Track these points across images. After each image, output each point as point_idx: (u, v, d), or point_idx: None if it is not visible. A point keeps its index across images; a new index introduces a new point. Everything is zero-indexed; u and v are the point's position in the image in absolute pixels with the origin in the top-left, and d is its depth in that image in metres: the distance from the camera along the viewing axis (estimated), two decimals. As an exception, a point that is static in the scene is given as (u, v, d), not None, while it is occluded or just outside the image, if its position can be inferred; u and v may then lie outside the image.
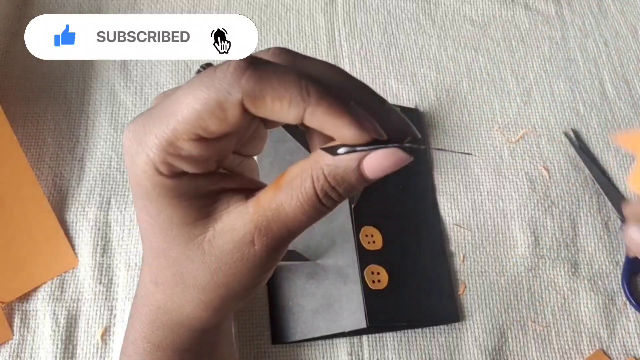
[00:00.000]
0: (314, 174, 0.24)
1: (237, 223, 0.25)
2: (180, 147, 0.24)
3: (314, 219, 0.25)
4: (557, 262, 0.50)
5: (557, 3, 0.64)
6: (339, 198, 0.25)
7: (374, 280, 0.46)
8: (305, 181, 0.24)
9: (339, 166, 0.24)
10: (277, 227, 0.25)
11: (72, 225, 0.49)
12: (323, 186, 0.24)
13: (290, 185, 0.25)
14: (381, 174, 0.24)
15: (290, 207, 0.25)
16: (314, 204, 0.25)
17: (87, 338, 0.46)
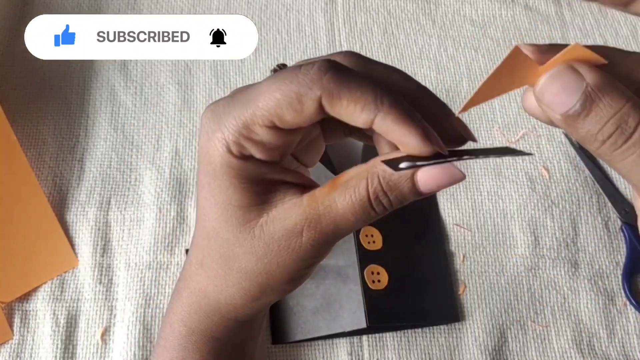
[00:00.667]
0: (369, 176, 0.25)
1: (290, 213, 0.27)
2: (255, 132, 0.26)
3: (361, 222, 0.26)
4: (557, 262, 0.50)
5: (557, 3, 0.64)
6: (388, 205, 0.26)
7: (374, 280, 0.46)
8: (360, 182, 0.26)
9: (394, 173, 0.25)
10: (326, 222, 0.26)
11: (72, 225, 0.49)
12: (376, 189, 0.25)
13: (345, 185, 0.26)
14: (435, 188, 0.25)
15: (342, 204, 0.26)
16: (364, 205, 0.26)
17: (87, 338, 0.46)
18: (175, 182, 0.51)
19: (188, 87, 0.56)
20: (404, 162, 0.25)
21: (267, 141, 0.26)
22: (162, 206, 0.50)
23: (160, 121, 0.54)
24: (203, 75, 0.57)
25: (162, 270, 0.48)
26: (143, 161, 0.52)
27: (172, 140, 0.54)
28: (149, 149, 0.53)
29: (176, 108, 0.55)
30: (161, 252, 0.48)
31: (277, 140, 0.26)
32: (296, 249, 0.27)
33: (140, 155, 0.53)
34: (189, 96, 0.56)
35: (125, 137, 0.53)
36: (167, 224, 0.50)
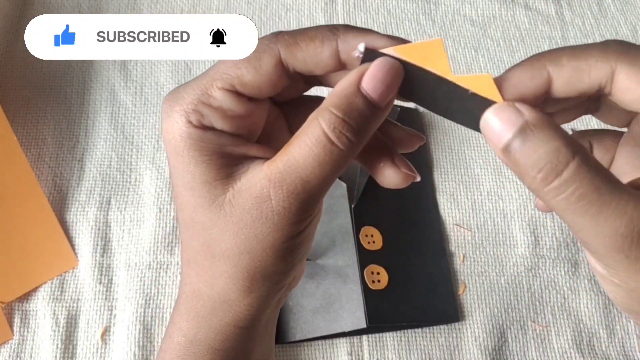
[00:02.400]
0: (319, 114, 0.24)
1: (253, 180, 0.25)
2: (214, 96, 0.25)
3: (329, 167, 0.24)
4: (557, 262, 0.50)
5: (557, 3, 0.64)
6: (352, 132, 0.24)
7: (374, 280, 0.46)
8: (310, 124, 0.24)
9: (341, 95, 0.24)
10: (291, 178, 0.24)
11: (72, 225, 0.49)
12: (330, 121, 0.24)
13: (298, 135, 0.24)
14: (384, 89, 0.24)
15: (300, 155, 0.24)
16: (322, 144, 0.24)
17: (87, 338, 0.46)
18: (175, 182, 0.51)
19: (188, 87, 0.56)
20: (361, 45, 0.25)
21: (227, 107, 0.25)
22: (162, 206, 0.50)
23: (160, 121, 0.54)
24: (203, 75, 0.57)
25: (162, 270, 0.48)
26: (143, 161, 0.52)
27: (172, 140, 0.54)
28: (149, 149, 0.53)
29: (176, 108, 0.55)
30: (161, 252, 0.48)
31: (239, 108, 0.26)
32: (269, 215, 0.25)
33: (140, 155, 0.53)
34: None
35: (125, 137, 0.53)
36: (167, 224, 0.50)
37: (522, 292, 0.49)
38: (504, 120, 0.22)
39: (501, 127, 0.22)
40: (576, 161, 0.21)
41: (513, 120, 0.22)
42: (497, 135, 0.23)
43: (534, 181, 0.22)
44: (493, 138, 0.23)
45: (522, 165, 0.22)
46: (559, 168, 0.21)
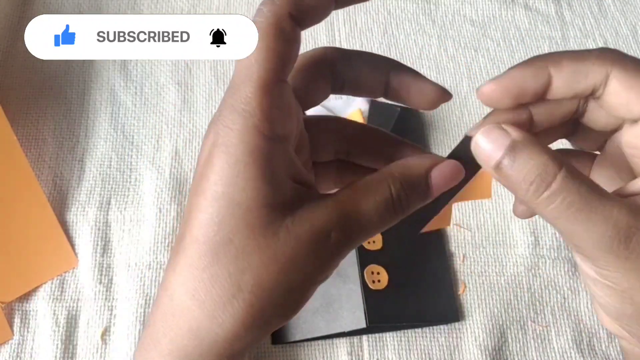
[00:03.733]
0: (390, 179, 0.25)
1: (317, 212, 0.24)
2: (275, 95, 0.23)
3: (384, 224, 0.25)
4: (557, 262, 0.50)
5: (557, 3, 0.64)
6: (406, 205, 0.25)
7: (374, 280, 0.46)
8: (381, 184, 0.25)
9: (412, 173, 0.25)
10: (353, 223, 0.24)
11: (72, 225, 0.49)
12: (398, 190, 0.25)
13: (367, 187, 0.25)
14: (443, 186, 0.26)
15: (367, 205, 0.24)
16: (388, 206, 0.25)
17: (87, 338, 0.46)
18: (175, 182, 0.51)
19: (188, 87, 0.56)
20: None
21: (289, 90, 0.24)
22: (162, 206, 0.50)
23: (160, 121, 0.54)
24: (203, 75, 0.57)
25: (162, 270, 0.48)
26: (143, 161, 0.52)
27: (172, 140, 0.54)
28: (149, 149, 0.53)
29: (176, 108, 0.55)
30: (161, 252, 0.48)
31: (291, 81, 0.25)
32: (323, 253, 0.24)
33: (140, 155, 0.53)
34: (189, 96, 0.56)
35: (125, 137, 0.53)
36: (167, 224, 0.50)
37: (522, 292, 0.49)
38: (493, 141, 0.25)
39: (491, 147, 0.25)
40: (562, 173, 0.23)
41: (501, 140, 0.24)
42: (488, 155, 0.25)
43: (527, 194, 0.24)
44: (485, 158, 0.25)
45: (514, 180, 0.24)
46: (548, 180, 0.23)
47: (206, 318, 0.24)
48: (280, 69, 0.23)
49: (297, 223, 0.23)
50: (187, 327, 0.24)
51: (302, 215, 0.23)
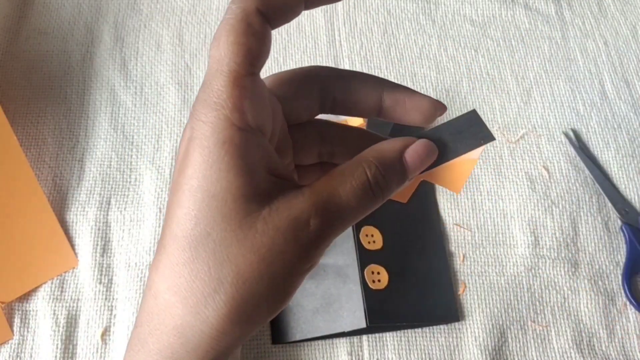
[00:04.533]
0: (365, 163, 0.25)
1: (294, 202, 0.24)
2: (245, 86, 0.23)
3: (364, 208, 0.25)
4: (557, 262, 0.50)
5: (557, 3, 0.64)
6: (386, 187, 0.26)
7: (374, 280, 0.46)
8: (357, 168, 0.25)
9: (386, 156, 0.26)
10: (332, 209, 0.24)
11: (72, 225, 0.49)
12: (374, 173, 0.25)
13: (342, 174, 0.25)
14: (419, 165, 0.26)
15: (344, 190, 0.24)
16: (366, 189, 0.25)
17: (87, 338, 0.46)
18: (175, 182, 0.51)
19: (188, 87, 0.56)
20: None
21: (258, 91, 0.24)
22: (162, 206, 0.50)
23: (160, 121, 0.54)
24: (203, 75, 0.57)
25: (162, 270, 0.48)
26: (143, 161, 0.52)
27: (172, 140, 0.54)
28: (149, 149, 0.53)
29: (176, 108, 0.55)
30: (161, 252, 0.48)
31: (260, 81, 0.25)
32: (303, 241, 0.24)
33: (140, 155, 0.53)
34: (189, 96, 0.56)
35: (125, 137, 0.53)
36: (167, 224, 0.50)
37: (522, 292, 0.49)
38: None
39: None
40: None
41: None
42: None
43: None
44: None
45: None
46: None
47: (190, 314, 0.23)
48: (250, 62, 0.23)
49: (274, 213, 0.23)
50: (172, 325, 0.24)
51: (279, 205, 0.24)
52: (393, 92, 0.28)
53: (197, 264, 0.23)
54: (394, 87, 0.28)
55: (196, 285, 0.23)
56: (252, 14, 0.23)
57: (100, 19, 0.59)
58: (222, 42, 0.23)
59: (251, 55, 0.23)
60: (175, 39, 0.59)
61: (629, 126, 0.57)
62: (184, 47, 0.59)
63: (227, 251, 0.23)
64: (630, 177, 0.54)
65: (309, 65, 0.28)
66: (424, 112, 0.28)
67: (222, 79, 0.23)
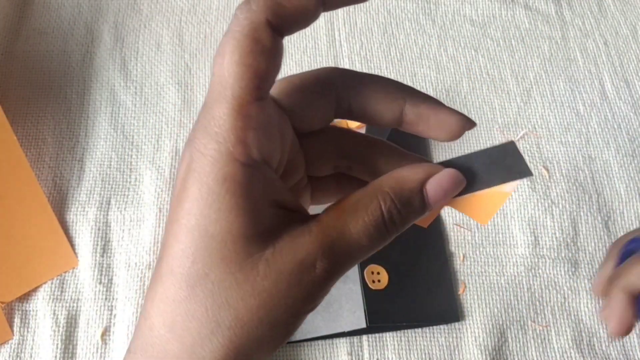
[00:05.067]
0: (380, 195, 0.23)
1: (299, 242, 0.22)
2: (250, 115, 0.21)
3: (374, 247, 0.24)
4: (557, 262, 0.50)
5: (557, 3, 0.64)
6: (400, 223, 0.24)
7: (374, 280, 0.46)
8: (371, 202, 0.23)
9: (404, 187, 0.24)
10: (340, 250, 0.22)
11: (72, 225, 0.49)
12: (390, 207, 0.23)
13: (355, 207, 0.23)
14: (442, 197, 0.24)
15: (355, 228, 0.23)
16: (378, 226, 0.23)
17: (87, 338, 0.46)
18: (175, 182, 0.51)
19: (188, 87, 0.56)
20: None
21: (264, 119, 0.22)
22: (162, 206, 0.50)
23: (160, 121, 0.54)
24: (203, 75, 0.57)
25: (162, 270, 0.48)
26: (143, 161, 0.52)
27: (172, 140, 0.54)
28: (149, 149, 0.53)
29: (176, 108, 0.55)
30: (161, 252, 0.48)
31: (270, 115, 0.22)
32: (308, 284, 0.22)
33: (140, 155, 0.53)
34: (189, 96, 0.56)
35: (125, 137, 0.53)
36: (167, 224, 0.50)
37: (522, 292, 0.49)
38: None
39: None
40: None
41: None
42: None
43: None
44: None
45: None
46: None
47: (185, 353, 0.22)
48: (257, 86, 0.21)
49: (277, 254, 0.22)
50: None
51: (283, 245, 0.22)
52: (417, 105, 0.25)
53: (194, 304, 0.22)
54: (418, 99, 0.25)
55: (192, 325, 0.22)
56: (260, 27, 0.21)
57: (100, 19, 0.59)
58: (226, 61, 0.21)
59: (258, 77, 0.21)
60: (175, 39, 0.59)
61: (629, 126, 0.57)
62: (184, 47, 0.59)
63: (226, 294, 0.22)
64: (630, 176, 0.54)
65: (321, 67, 0.25)
66: (451, 131, 0.25)
67: (225, 105, 0.21)
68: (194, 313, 0.22)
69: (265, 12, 0.21)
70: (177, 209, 0.22)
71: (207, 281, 0.22)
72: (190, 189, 0.21)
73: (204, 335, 0.22)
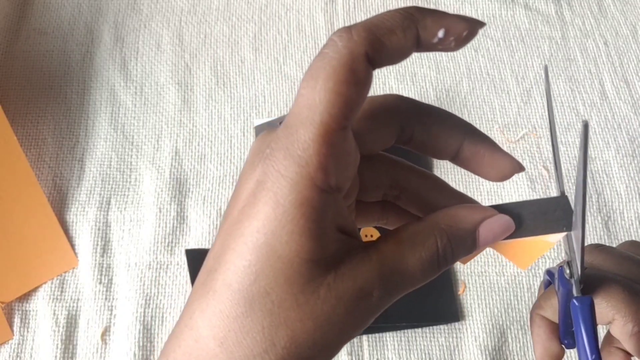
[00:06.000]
0: (437, 232, 0.24)
1: (360, 269, 0.22)
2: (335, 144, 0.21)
3: (424, 280, 0.24)
4: (557, 262, 0.50)
5: (557, 3, 0.64)
6: (451, 260, 0.24)
7: (374, 280, 0.46)
8: (429, 237, 0.24)
9: (460, 228, 0.24)
10: (397, 282, 0.23)
11: (72, 225, 0.49)
12: (445, 245, 0.24)
13: (413, 240, 0.23)
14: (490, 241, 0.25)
15: (412, 261, 0.23)
16: (433, 262, 0.23)
17: (87, 338, 0.46)
18: (175, 182, 0.51)
19: (188, 87, 0.56)
20: None
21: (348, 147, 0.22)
22: (162, 206, 0.50)
23: (160, 121, 0.54)
24: (203, 75, 0.57)
25: (162, 270, 0.48)
26: (143, 161, 0.52)
27: (172, 140, 0.54)
28: (149, 149, 0.53)
29: (176, 108, 0.55)
30: (161, 252, 0.48)
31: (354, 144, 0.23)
32: (363, 311, 0.23)
33: (140, 155, 0.53)
34: (189, 96, 0.56)
35: (125, 137, 0.53)
36: (167, 224, 0.50)
37: (522, 292, 0.49)
38: None
39: None
40: None
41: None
42: None
43: None
44: None
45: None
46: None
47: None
48: (346, 115, 0.21)
49: (339, 280, 0.22)
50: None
51: (344, 271, 0.22)
52: (475, 144, 0.26)
53: (251, 322, 0.22)
54: (477, 138, 0.26)
55: (246, 343, 0.22)
56: (359, 59, 0.21)
57: (100, 19, 0.59)
58: (319, 86, 0.21)
59: (349, 107, 0.21)
60: (175, 39, 0.59)
61: (629, 126, 0.57)
62: (184, 47, 0.59)
63: (285, 314, 0.22)
64: (630, 176, 0.54)
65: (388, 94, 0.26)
66: (502, 173, 0.26)
67: (312, 131, 0.21)
68: (249, 330, 0.22)
69: (365, 45, 0.21)
70: (241, 224, 0.22)
71: (267, 300, 0.22)
72: (263, 207, 0.21)
73: (257, 353, 0.22)
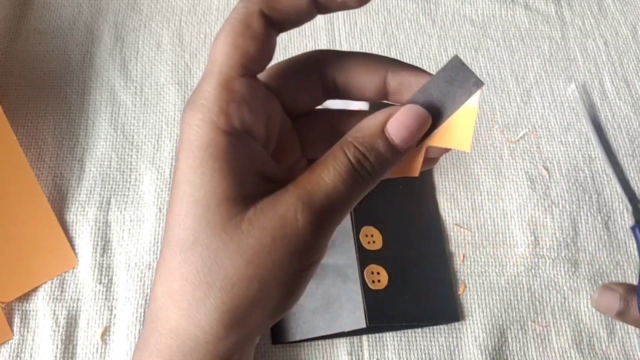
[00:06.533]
0: (344, 144, 0.24)
1: (279, 199, 0.23)
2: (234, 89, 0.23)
3: (355, 193, 0.24)
4: (557, 262, 0.50)
5: (557, 3, 0.64)
6: (371, 167, 0.24)
7: (374, 280, 0.46)
8: (337, 153, 0.24)
9: (365, 134, 0.24)
10: (319, 198, 0.23)
11: (72, 225, 0.49)
12: (355, 154, 0.24)
13: (324, 161, 0.24)
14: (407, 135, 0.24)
15: (328, 177, 0.23)
16: (349, 171, 0.24)
17: (87, 338, 0.46)
18: (175, 182, 0.51)
19: (188, 87, 0.56)
20: None
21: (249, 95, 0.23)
22: (162, 206, 0.50)
23: (160, 121, 0.55)
24: (203, 75, 0.57)
25: (162, 270, 0.48)
26: (143, 161, 0.52)
27: (172, 140, 0.54)
28: (149, 149, 0.53)
29: (176, 108, 0.55)
30: (161, 252, 0.48)
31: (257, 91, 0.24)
32: (293, 238, 0.23)
33: (140, 155, 0.53)
34: (189, 96, 0.56)
35: (125, 137, 0.53)
36: (167, 224, 0.50)
37: (522, 292, 0.49)
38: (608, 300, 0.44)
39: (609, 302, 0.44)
40: None
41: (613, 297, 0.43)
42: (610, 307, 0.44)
43: None
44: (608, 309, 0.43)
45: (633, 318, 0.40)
46: None
47: (183, 318, 0.23)
48: (244, 64, 0.23)
49: (259, 212, 0.23)
50: (168, 327, 0.24)
51: (264, 205, 0.23)
52: (398, 74, 0.26)
53: (187, 268, 0.23)
54: (399, 68, 0.26)
55: (187, 290, 0.23)
56: (253, 15, 0.23)
57: (100, 19, 0.59)
58: (219, 43, 0.23)
59: (246, 57, 0.23)
60: (175, 39, 0.59)
61: (629, 126, 0.57)
62: (184, 47, 0.59)
63: (214, 255, 0.23)
64: (630, 176, 0.54)
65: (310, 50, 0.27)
66: None
67: (212, 81, 0.23)
68: (187, 277, 0.23)
69: (260, 4, 0.23)
70: (174, 182, 0.23)
71: (197, 245, 0.23)
72: (179, 160, 0.23)
73: (198, 298, 0.23)
